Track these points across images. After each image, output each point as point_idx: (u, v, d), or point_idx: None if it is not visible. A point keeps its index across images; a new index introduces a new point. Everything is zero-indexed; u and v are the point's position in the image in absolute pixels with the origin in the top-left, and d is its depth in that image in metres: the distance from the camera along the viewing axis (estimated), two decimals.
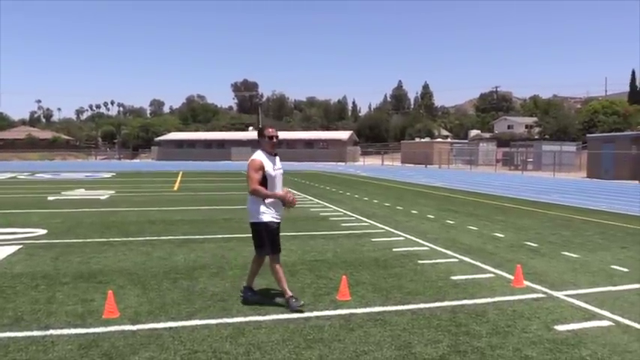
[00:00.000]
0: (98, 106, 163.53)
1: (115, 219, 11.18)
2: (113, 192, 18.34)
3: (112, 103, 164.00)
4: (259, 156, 5.05)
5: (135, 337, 4.22)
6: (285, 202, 5.01)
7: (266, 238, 5.06)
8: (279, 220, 5.11)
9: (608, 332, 4.45)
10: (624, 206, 14.67)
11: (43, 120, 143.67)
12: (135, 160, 69.01)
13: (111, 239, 8.72)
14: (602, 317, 4.83)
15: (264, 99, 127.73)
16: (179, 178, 26.96)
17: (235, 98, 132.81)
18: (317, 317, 4.75)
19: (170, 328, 4.45)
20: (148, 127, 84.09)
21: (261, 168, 4.99)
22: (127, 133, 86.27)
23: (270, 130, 5.16)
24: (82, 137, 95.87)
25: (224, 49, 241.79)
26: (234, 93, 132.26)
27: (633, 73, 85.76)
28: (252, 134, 73.71)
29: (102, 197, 16.41)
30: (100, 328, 4.43)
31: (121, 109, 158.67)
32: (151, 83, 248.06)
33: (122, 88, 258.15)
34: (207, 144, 70.07)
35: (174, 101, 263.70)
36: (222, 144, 68.82)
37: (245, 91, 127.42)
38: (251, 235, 5.24)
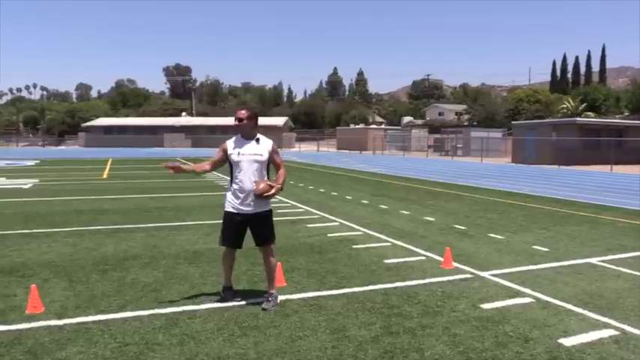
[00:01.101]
0: (19, 90, 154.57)
1: (38, 209, 10.64)
2: (37, 180, 17.42)
3: (35, 86, 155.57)
4: (229, 139, 4.80)
5: (61, 333, 4.06)
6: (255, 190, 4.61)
7: (222, 226, 4.83)
8: (237, 212, 4.71)
9: (529, 308, 4.72)
10: (545, 189, 15.52)
11: None
12: (60, 147, 65.72)
13: (34, 230, 8.29)
14: (524, 295, 5.11)
15: (197, 84, 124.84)
16: (108, 166, 25.96)
17: (167, 83, 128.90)
18: (252, 304, 4.74)
19: (99, 321, 4.30)
20: (74, 113, 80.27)
21: (223, 150, 4.75)
22: (51, 119, 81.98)
23: (237, 111, 4.73)
24: (2, 122, 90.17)
25: (155, 31, 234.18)
26: (167, 77, 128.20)
27: (554, 63, 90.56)
28: (185, 120, 72.09)
29: (25, 186, 15.55)
30: (24, 324, 4.22)
31: (45, 93, 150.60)
32: (76, 66, 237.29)
33: (45, 70, 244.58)
34: (139, 130, 67.73)
35: (102, 85, 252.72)
36: (154, 130, 66.73)
37: (178, 75, 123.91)
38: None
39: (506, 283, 5.49)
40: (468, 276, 5.78)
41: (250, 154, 4.68)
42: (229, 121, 70.36)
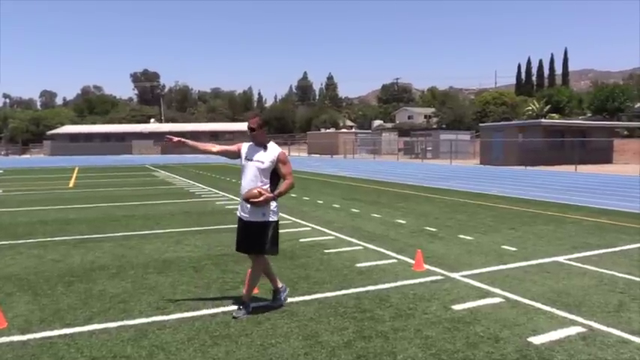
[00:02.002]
0: None
1: (1, 220, 10.31)
2: (0, 191, 16.93)
3: None
4: (247, 142, 4.87)
5: (25, 348, 3.92)
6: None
7: None
8: (240, 217, 4.78)
9: (499, 308, 4.78)
10: (513, 190, 15.80)
11: None
12: (25, 156, 64.08)
13: None
14: (494, 295, 5.18)
15: (166, 90, 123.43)
16: (75, 175, 25.40)
17: (135, 89, 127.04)
18: (224, 313, 4.68)
19: (65, 335, 4.18)
20: (38, 120, 78.41)
21: (238, 149, 4.88)
22: (14, 127, 79.74)
23: (249, 120, 4.78)
24: None
25: (122, 36, 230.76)
26: (134, 84, 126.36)
27: (519, 66, 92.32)
28: (154, 126, 71.19)
29: None
30: None
31: (7, 100, 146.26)
32: (40, 72, 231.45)
33: (7, 77, 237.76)
34: (106, 137, 66.66)
35: (67, 92, 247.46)
36: (122, 137, 65.76)
37: (146, 81, 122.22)
38: None
39: (477, 284, 5.55)
40: (439, 278, 5.83)
41: (254, 160, 4.71)
42: (199, 127, 70.07)
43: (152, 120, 79.68)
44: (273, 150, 4.74)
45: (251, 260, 4.85)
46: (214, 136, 65.97)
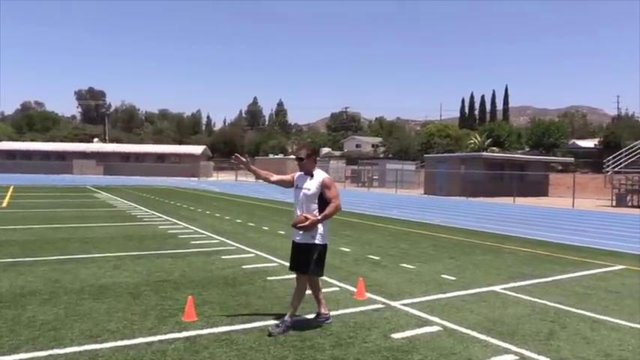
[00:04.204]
0: None
1: None
2: None
3: None
4: (299, 172, 5.23)
5: None
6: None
7: None
8: (294, 239, 5.16)
9: (437, 337, 4.87)
10: (454, 220, 16.25)
11: None
12: None
13: None
14: (432, 323, 5.28)
15: (112, 109, 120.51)
16: (9, 193, 24.20)
17: (79, 107, 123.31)
18: (160, 341, 4.55)
19: None
20: None
21: (292, 178, 5.26)
22: None
23: (297, 151, 5.26)
24: None
25: (68, 52, 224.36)
26: (79, 101, 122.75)
27: (463, 100, 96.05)
28: (97, 146, 69.05)
29: None
30: None
31: None
32: None
33: None
34: (46, 155, 63.97)
35: (6, 107, 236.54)
36: (62, 156, 63.31)
37: (91, 99, 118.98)
38: None
39: (416, 312, 5.65)
40: (380, 306, 5.89)
41: (305, 189, 5.07)
42: (145, 148, 68.48)
43: (95, 139, 77.31)
44: (319, 176, 5.11)
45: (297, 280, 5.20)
46: (160, 158, 64.63)
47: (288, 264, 8.12)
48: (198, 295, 6.07)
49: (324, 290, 6.53)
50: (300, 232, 5.02)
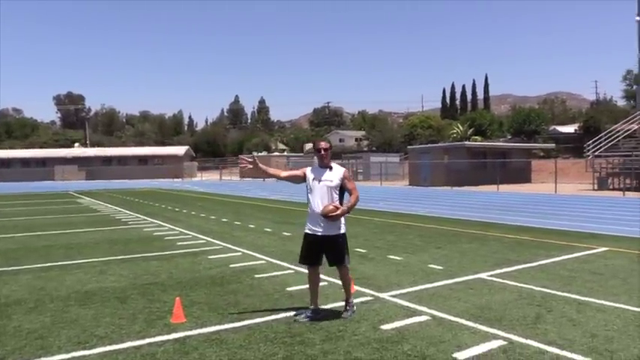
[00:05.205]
0: None
1: None
2: None
3: None
4: (310, 167, 5.44)
5: None
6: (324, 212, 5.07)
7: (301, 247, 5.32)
8: (312, 232, 5.21)
9: (426, 326, 4.90)
10: (439, 210, 16.36)
11: None
12: None
13: None
14: (421, 313, 5.31)
15: (92, 113, 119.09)
16: None
17: (59, 112, 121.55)
18: (149, 344, 4.52)
19: None
20: None
21: (303, 173, 5.38)
22: None
23: (319, 143, 5.35)
24: None
25: (45, 57, 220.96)
26: (57, 106, 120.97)
27: (444, 91, 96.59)
28: (78, 151, 68.24)
29: None
30: None
31: None
32: None
33: None
34: (25, 162, 63.10)
35: None
36: (43, 162, 62.49)
37: (70, 104, 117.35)
38: None
39: (405, 303, 5.68)
40: (369, 298, 5.91)
41: (327, 181, 5.22)
42: (127, 151, 67.82)
43: (76, 144, 76.37)
44: (339, 169, 5.35)
45: (338, 270, 5.36)
46: (143, 161, 64.09)
47: (275, 261, 8.19)
48: (186, 296, 6.04)
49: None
50: (322, 225, 5.14)
